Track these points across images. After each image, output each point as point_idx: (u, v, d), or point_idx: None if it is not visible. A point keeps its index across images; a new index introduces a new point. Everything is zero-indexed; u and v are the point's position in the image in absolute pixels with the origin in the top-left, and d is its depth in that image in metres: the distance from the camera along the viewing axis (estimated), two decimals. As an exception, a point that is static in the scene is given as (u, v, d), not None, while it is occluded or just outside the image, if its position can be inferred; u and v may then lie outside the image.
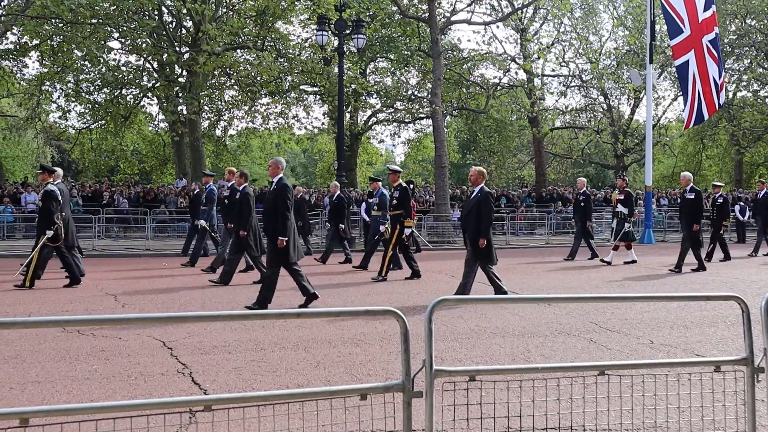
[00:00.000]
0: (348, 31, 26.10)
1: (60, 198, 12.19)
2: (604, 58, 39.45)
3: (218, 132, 36.46)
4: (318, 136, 41.25)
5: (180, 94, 30.40)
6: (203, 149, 33.20)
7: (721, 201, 17.87)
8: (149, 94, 32.74)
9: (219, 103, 32.86)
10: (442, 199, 25.58)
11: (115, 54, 31.92)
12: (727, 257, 17.89)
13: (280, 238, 9.50)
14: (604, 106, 42.01)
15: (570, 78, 39.93)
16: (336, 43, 30.39)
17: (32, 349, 7.06)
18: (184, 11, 27.74)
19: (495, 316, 8.95)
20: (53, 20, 24.57)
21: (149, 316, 4.07)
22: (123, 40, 30.81)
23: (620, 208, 17.24)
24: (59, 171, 13.18)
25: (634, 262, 16.94)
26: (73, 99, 32.02)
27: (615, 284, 13.09)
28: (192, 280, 13.51)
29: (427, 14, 25.95)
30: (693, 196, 15.19)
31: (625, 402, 4.43)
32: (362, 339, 7.53)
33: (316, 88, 34.36)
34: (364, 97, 35.38)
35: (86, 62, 29.66)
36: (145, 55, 31.90)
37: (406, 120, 39.33)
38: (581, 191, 18.35)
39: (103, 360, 6.67)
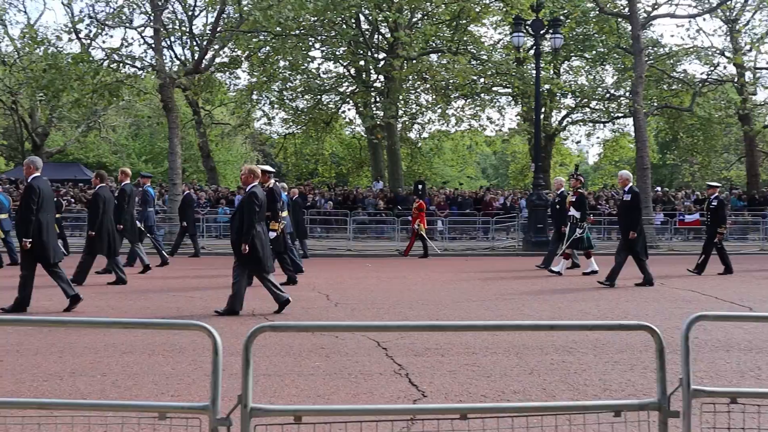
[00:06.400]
0: (543, 31, 25.71)
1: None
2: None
3: (412, 135, 37.23)
4: (510, 137, 40.93)
5: (377, 99, 31.38)
6: (399, 152, 34.06)
7: (716, 204, 15.45)
8: (348, 100, 34.06)
9: (414, 106, 33.54)
10: (643, 202, 24.47)
11: (317, 63, 33.54)
12: (728, 270, 15.23)
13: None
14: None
15: (787, 70, 36.72)
16: (529, 43, 30.07)
17: (261, 344, 7.57)
18: (380, 18, 28.57)
19: (714, 327, 8.42)
20: (262, 34, 26.17)
21: (379, 325, 4.25)
22: (323, 49, 32.31)
23: (572, 211, 15.15)
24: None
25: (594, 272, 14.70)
26: (277, 106, 33.99)
27: None
28: (397, 282, 13.91)
29: (627, 10, 24.97)
30: (630, 198, 13.21)
31: None
32: (573, 347, 7.39)
33: (509, 90, 34.13)
34: (558, 97, 34.68)
35: (290, 71, 31.38)
36: (343, 63, 33.27)
37: (602, 120, 38.05)
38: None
39: (324, 357, 7.01)
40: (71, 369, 6.43)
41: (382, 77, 31.85)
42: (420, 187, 22.28)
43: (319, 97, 33.27)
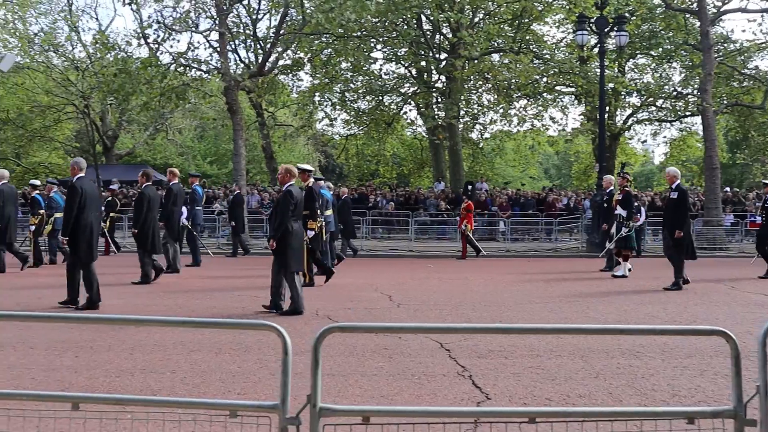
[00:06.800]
0: (607, 29, 25.26)
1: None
2: None
3: (474, 135, 37.04)
4: (574, 137, 40.30)
5: (439, 100, 31.32)
6: (461, 153, 33.93)
7: None
8: (410, 101, 34.07)
9: (475, 106, 33.35)
10: (712, 202, 23.91)
11: (378, 64, 33.64)
12: None
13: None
14: None
15: None
16: (593, 41, 29.57)
17: (324, 343, 7.62)
18: (442, 18, 28.50)
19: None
20: (324, 36, 26.39)
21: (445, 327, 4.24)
22: (385, 50, 32.40)
23: (619, 210, 14.81)
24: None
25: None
26: (339, 107, 34.21)
27: None
28: (459, 283, 13.87)
29: (695, 5, 24.36)
30: (676, 196, 12.69)
31: None
32: (640, 351, 7.26)
33: (572, 89, 33.63)
34: (623, 96, 33.99)
35: (352, 73, 31.57)
36: (405, 64, 33.30)
37: (669, 119, 37.14)
38: None
39: (387, 358, 7.04)
40: (142, 366, 6.60)
41: (443, 77, 31.76)
42: (469, 187, 22.10)
43: (380, 98, 33.35)
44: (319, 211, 12.80)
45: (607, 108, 32.14)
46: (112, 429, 3.30)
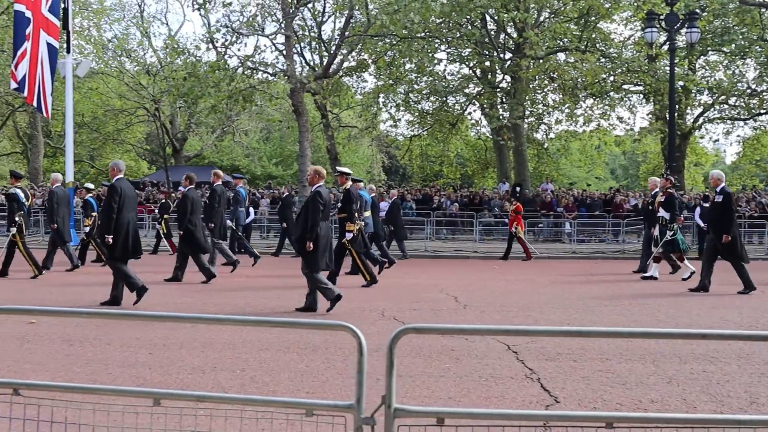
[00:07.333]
0: (677, 26, 24.66)
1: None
2: None
3: (539, 136, 36.63)
4: (642, 137, 39.49)
5: (503, 100, 31.07)
6: (526, 153, 33.61)
7: None
8: (474, 101, 33.90)
9: (540, 106, 32.99)
10: (788, 204, 23.09)
11: (442, 65, 33.56)
12: None
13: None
14: None
15: None
16: (662, 38, 28.91)
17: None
18: (506, 17, 28.27)
19: None
20: (389, 37, 26.48)
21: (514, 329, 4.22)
22: (449, 51, 32.31)
23: (661, 212, 14.30)
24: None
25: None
26: (403, 108, 34.27)
27: None
28: (525, 285, 13.76)
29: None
30: (722, 199, 12.15)
31: None
32: (714, 356, 7.08)
33: (640, 87, 32.94)
34: (693, 94, 33.15)
35: (416, 74, 31.57)
36: (469, 64, 33.15)
37: (742, 117, 36.04)
38: None
39: (454, 359, 7.03)
40: (213, 363, 6.75)
41: (508, 77, 31.49)
42: (517, 189, 21.83)
43: (444, 98, 33.25)
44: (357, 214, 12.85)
45: (677, 106, 31.42)
46: (191, 424, 3.39)
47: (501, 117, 30.13)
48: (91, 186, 18.27)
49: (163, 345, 7.55)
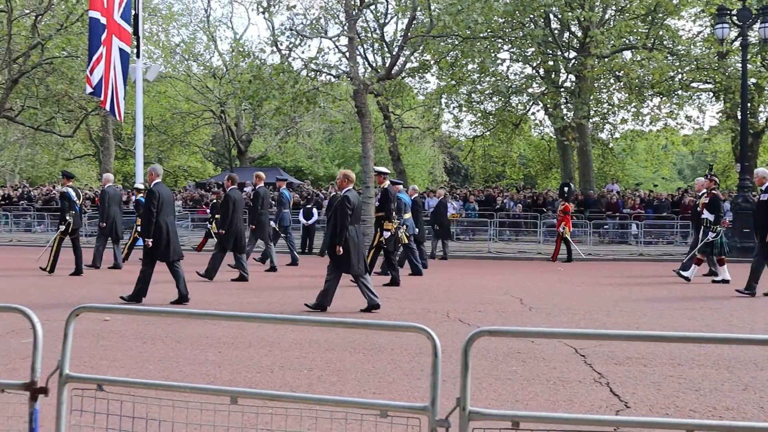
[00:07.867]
0: (750, 21, 23.92)
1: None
2: None
3: (603, 135, 36.03)
4: (712, 136, 38.43)
5: (567, 100, 30.65)
6: (591, 153, 33.10)
7: None
8: (537, 101, 33.54)
9: (605, 106, 32.43)
10: None
11: (505, 65, 33.31)
12: None
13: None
14: None
15: None
16: (734, 34, 28.08)
17: (456, 346, 7.65)
18: (570, 16, 27.88)
19: None
20: (451, 38, 26.39)
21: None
22: (512, 51, 32.04)
23: (705, 214, 13.85)
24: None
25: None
26: (466, 109, 34.11)
27: None
28: (591, 287, 13.55)
29: None
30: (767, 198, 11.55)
31: None
32: (792, 363, 6.85)
33: (709, 85, 32.08)
34: (766, 92, 32.11)
35: (479, 74, 31.40)
36: (532, 64, 32.81)
37: (819, 114, 34.77)
38: None
39: (521, 362, 6.98)
40: (280, 363, 6.85)
41: (572, 77, 31.07)
42: (565, 189, 21.47)
43: (507, 98, 32.98)
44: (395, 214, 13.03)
45: (749, 104, 30.48)
46: (266, 422, 3.46)
47: (565, 117, 29.72)
48: (142, 187, 18.76)
49: (231, 344, 7.70)
